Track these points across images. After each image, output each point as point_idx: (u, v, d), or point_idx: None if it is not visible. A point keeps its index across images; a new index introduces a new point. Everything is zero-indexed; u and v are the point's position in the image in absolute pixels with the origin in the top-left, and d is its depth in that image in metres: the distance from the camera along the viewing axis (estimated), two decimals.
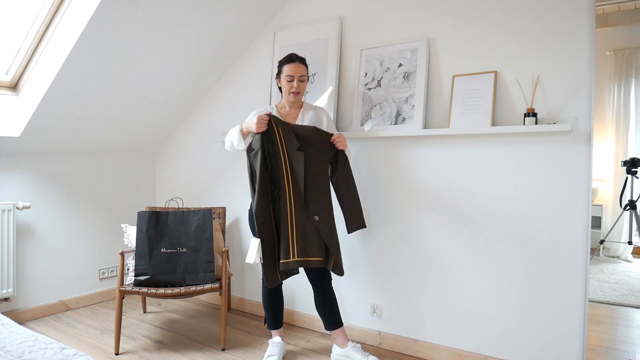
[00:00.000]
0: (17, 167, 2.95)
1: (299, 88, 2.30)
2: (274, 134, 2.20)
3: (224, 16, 2.82)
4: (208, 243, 2.70)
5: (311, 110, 2.41)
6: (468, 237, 2.33)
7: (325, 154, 2.27)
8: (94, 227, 3.37)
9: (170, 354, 2.50)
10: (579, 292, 2.06)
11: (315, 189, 2.21)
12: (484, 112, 2.23)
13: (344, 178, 2.29)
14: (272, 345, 2.43)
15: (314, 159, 2.23)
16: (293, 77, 2.29)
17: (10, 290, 2.83)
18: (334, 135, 2.27)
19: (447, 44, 2.40)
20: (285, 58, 2.35)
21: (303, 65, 2.33)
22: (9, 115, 2.74)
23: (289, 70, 2.29)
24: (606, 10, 3.70)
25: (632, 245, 4.59)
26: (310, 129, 2.25)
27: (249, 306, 3.20)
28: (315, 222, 2.18)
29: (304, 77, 2.32)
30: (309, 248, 2.18)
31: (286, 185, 2.19)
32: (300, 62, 2.32)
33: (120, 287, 2.53)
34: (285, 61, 2.33)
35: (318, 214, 2.19)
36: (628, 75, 4.89)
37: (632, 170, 4.15)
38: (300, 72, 2.31)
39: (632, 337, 2.76)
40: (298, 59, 2.33)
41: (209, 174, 3.42)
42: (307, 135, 2.23)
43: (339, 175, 2.29)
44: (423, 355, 2.47)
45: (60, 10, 2.50)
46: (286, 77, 2.30)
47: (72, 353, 1.37)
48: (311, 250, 2.19)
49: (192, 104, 3.45)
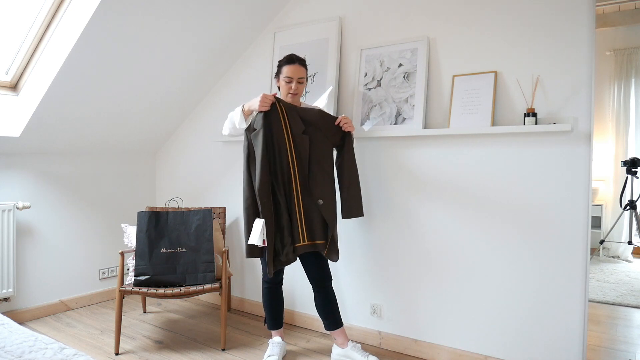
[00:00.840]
0: (17, 167, 2.95)
1: (297, 90, 2.30)
2: (279, 116, 2.19)
3: (224, 16, 2.82)
4: (208, 243, 2.70)
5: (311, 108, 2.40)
6: (468, 237, 2.33)
7: (331, 137, 2.28)
8: (94, 227, 3.37)
9: (170, 354, 2.50)
10: (579, 292, 2.06)
11: (320, 173, 2.23)
12: (484, 112, 2.23)
13: (348, 163, 2.29)
14: (272, 345, 2.43)
15: (320, 142, 2.24)
16: (292, 78, 2.28)
17: (10, 290, 2.83)
18: (340, 118, 2.28)
19: (447, 44, 2.40)
20: (285, 58, 2.34)
21: (302, 67, 2.32)
22: (9, 115, 2.74)
23: (288, 72, 2.29)
24: (606, 10, 3.70)
25: (632, 245, 4.59)
26: (315, 112, 2.27)
27: (249, 306, 3.20)
28: (319, 206, 2.21)
29: (302, 79, 2.32)
30: (316, 232, 2.23)
31: (291, 169, 2.21)
32: (299, 64, 2.31)
33: (120, 287, 2.53)
34: (285, 62, 2.32)
35: (322, 198, 2.21)
36: (628, 75, 4.89)
37: (632, 170, 4.15)
38: (299, 73, 2.30)
39: (632, 337, 2.77)
40: (298, 60, 2.32)
41: (209, 174, 3.42)
42: (313, 118, 2.24)
43: (343, 160, 2.30)
44: (423, 355, 2.47)
45: (60, 10, 2.50)
46: (285, 78, 2.30)
47: (72, 353, 1.37)
48: (318, 234, 2.23)
49: (192, 104, 3.45)
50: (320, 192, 2.21)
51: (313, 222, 2.23)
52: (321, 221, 2.25)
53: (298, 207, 2.21)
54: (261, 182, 2.13)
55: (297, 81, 2.29)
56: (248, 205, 2.21)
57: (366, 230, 2.65)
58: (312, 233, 2.23)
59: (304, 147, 2.21)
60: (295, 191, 2.21)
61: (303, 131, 2.21)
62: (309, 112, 2.25)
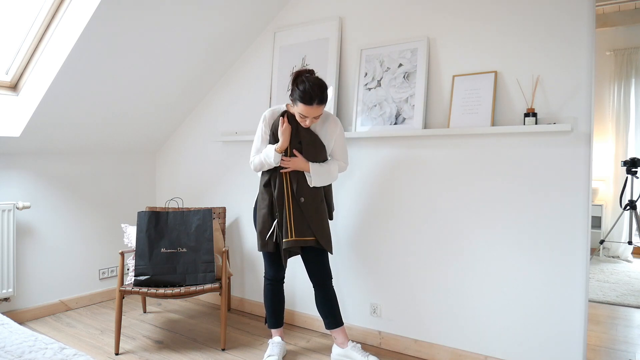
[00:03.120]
0: (17, 167, 2.95)
1: (310, 124, 2.22)
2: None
3: (223, 16, 2.82)
4: (208, 243, 2.70)
5: (323, 121, 2.31)
6: (468, 237, 2.33)
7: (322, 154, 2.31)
8: (94, 227, 3.37)
9: (170, 354, 2.50)
10: (579, 292, 2.06)
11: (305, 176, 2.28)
12: (484, 112, 2.23)
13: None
14: (272, 345, 2.43)
15: (311, 153, 2.27)
16: (307, 117, 2.17)
17: (10, 290, 2.83)
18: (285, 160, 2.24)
19: (447, 44, 2.40)
20: (304, 94, 2.09)
21: (322, 106, 2.14)
22: (9, 115, 2.74)
23: (304, 111, 2.13)
24: (606, 10, 3.70)
25: (632, 245, 4.59)
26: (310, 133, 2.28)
27: (249, 306, 3.20)
28: (301, 204, 2.25)
29: (319, 116, 2.19)
30: (304, 229, 2.27)
31: (284, 176, 2.27)
32: (318, 104, 2.12)
33: (120, 287, 2.53)
34: (302, 100, 2.10)
35: (303, 196, 2.26)
36: (628, 75, 4.89)
37: (632, 170, 4.15)
38: (317, 113, 2.14)
39: (632, 337, 2.77)
40: (317, 101, 2.11)
41: (209, 174, 3.42)
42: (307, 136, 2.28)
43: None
44: (423, 355, 2.47)
45: (60, 10, 2.50)
46: (299, 114, 2.17)
47: (72, 353, 1.37)
48: (306, 230, 2.27)
49: (192, 104, 3.45)
50: (301, 191, 2.26)
51: (300, 220, 2.26)
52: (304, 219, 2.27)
53: (288, 207, 2.26)
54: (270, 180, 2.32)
55: (313, 118, 2.19)
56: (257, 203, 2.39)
57: (366, 230, 2.65)
58: (300, 230, 2.25)
59: (296, 147, 2.26)
60: (286, 192, 2.26)
61: (299, 141, 2.26)
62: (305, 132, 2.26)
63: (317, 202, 2.29)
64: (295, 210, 2.26)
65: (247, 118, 3.18)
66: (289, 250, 2.29)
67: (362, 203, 2.66)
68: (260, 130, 2.33)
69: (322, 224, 2.29)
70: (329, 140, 2.32)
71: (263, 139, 2.32)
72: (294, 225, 2.25)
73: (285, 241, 2.24)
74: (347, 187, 2.71)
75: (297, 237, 2.24)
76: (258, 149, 2.34)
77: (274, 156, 2.22)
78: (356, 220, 2.69)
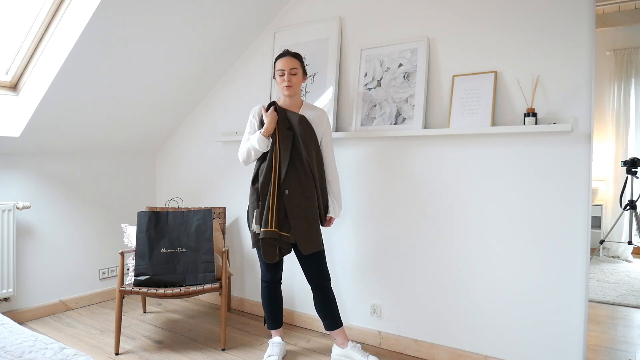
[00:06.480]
0: (17, 167, 2.95)
1: (290, 81, 2.28)
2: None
3: (224, 16, 2.82)
4: (208, 243, 2.70)
5: (312, 110, 2.39)
6: (467, 237, 2.33)
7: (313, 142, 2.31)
8: (94, 227, 3.37)
9: (170, 354, 2.50)
10: (579, 292, 2.06)
11: (295, 167, 2.26)
12: (484, 112, 2.23)
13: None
14: (272, 345, 2.43)
15: (302, 141, 2.27)
16: (284, 70, 2.28)
17: (10, 290, 2.83)
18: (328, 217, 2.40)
19: (447, 44, 2.40)
20: (278, 55, 2.36)
21: (294, 59, 2.31)
22: (9, 115, 2.74)
23: (280, 65, 2.29)
24: (606, 10, 3.70)
25: (632, 245, 4.59)
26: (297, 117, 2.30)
27: (249, 306, 3.20)
28: (284, 196, 2.23)
29: (295, 70, 2.30)
30: (285, 222, 2.24)
31: (273, 162, 2.26)
32: (291, 56, 2.31)
33: (120, 287, 2.53)
34: (277, 57, 2.34)
35: (288, 189, 2.24)
36: (628, 75, 4.89)
37: (632, 170, 4.15)
38: (291, 64, 2.28)
39: (632, 337, 2.77)
40: (289, 53, 2.32)
41: (209, 174, 3.42)
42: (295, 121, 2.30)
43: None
44: (423, 355, 2.47)
45: (60, 10, 2.50)
46: (278, 71, 2.31)
47: (72, 353, 1.37)
48: (285, 224, 2.24)
49: (192, 104, 3.45)
50: (288, 182, 2.25)
51: (282, 212, 2.24)
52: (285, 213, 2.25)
53: (272, 196, 2.23)
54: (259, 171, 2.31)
55: (290, 72, 2.28)
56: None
57: (366, 230, 2.65)
58: (280, 223, 2.23)
59: (287, 141, 2.26)
60: (272, 182, 2.24)
61: (288, 127, 2.29)
62: (293, 115, 2.31)
63: (302, 199, 2.25)
64: (278, 200, 2.23)
65: (247, 118, 3.17)
66: (275, 245, 2.23)
67: (361, 203, 2.66)
68: (249, 123, 2.40)
69: (306, 222, 2.25)
70: (317, 125, 2.35)
71: (251, 132, 2.38)
72: (275, 215, 2.21)
73: (264, 230, 2.19)
74: (347, 187, 2.70)
75: (277, 229, 2.20)
76: (247, 140, 2.38)
77: (258, 138, 2.24)
78: (356, 220, 2.69)
